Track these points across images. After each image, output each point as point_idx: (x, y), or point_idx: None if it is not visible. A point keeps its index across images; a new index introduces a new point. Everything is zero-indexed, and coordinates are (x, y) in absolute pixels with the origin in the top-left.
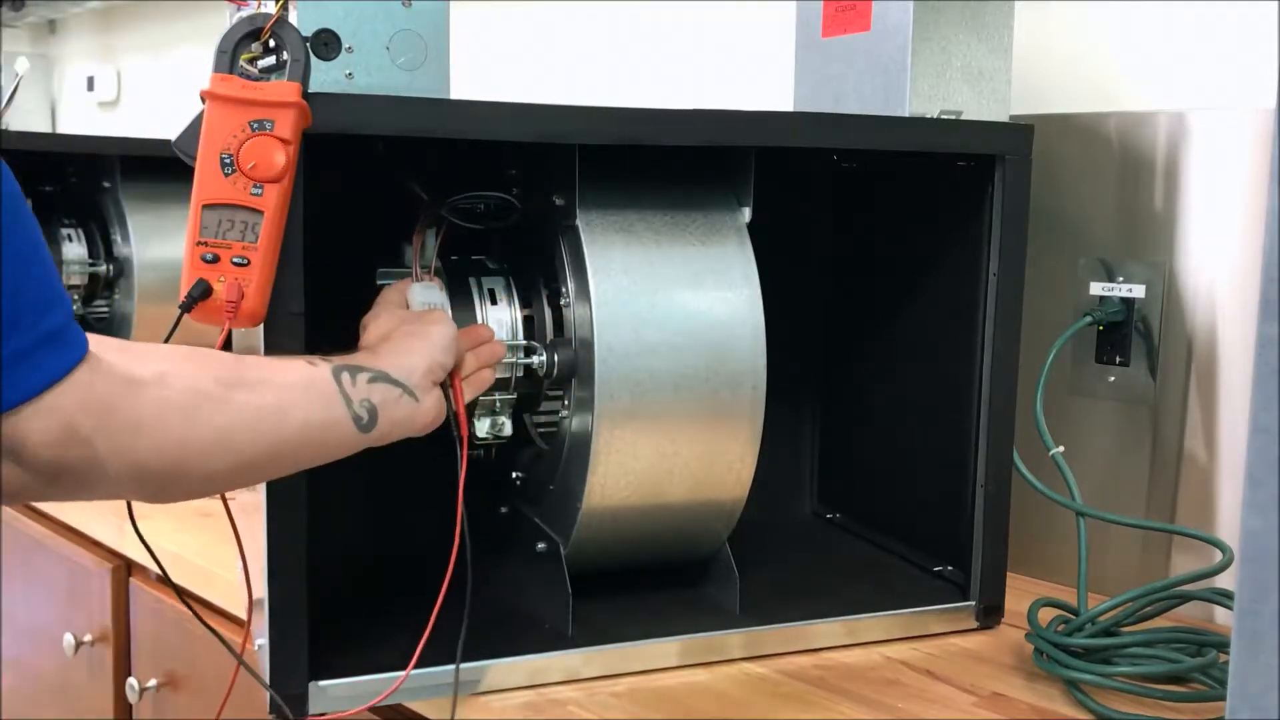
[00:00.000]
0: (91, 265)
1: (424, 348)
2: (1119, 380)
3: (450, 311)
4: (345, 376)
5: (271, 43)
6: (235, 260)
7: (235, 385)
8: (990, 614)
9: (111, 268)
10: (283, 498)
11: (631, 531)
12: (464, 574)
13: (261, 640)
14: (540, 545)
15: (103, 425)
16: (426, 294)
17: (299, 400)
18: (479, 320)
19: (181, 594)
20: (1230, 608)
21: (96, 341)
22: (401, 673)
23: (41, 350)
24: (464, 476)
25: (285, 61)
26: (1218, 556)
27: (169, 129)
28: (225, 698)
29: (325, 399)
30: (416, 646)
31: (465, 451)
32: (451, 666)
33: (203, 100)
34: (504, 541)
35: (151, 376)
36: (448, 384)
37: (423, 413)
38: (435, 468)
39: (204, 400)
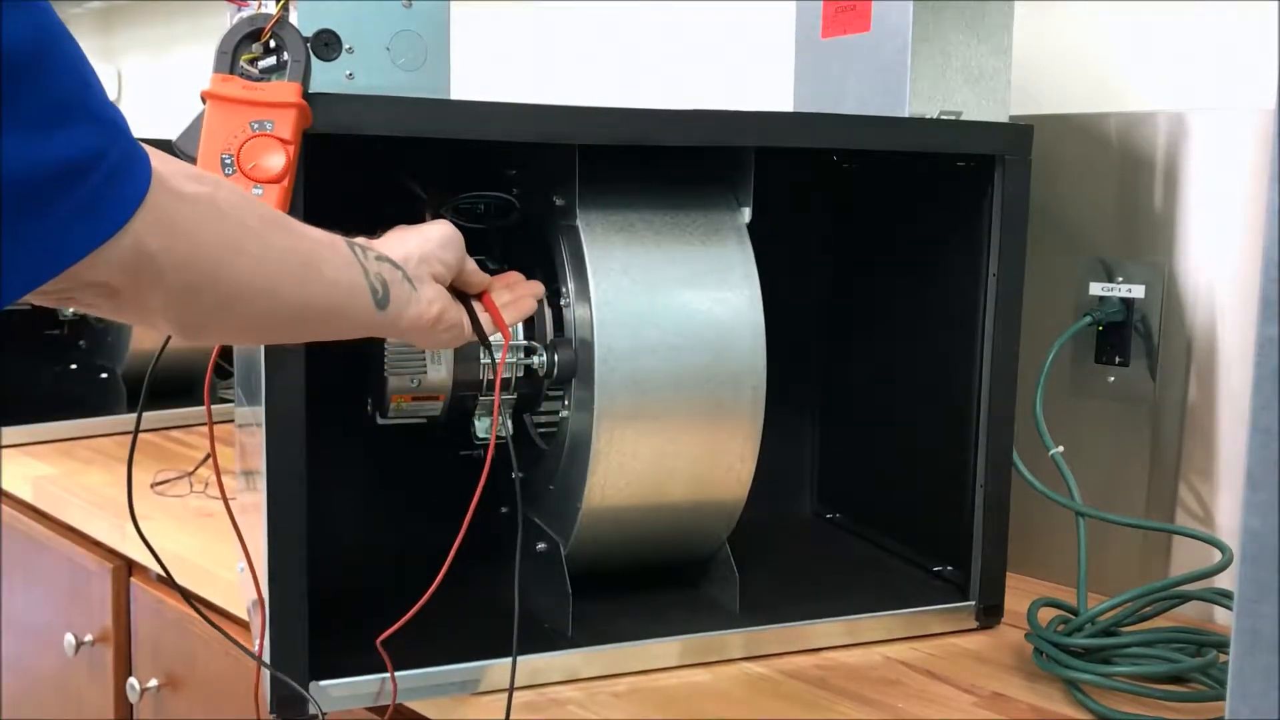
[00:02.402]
0: None
1: (416, 238)
2: (1119, 380)
3: None
4: (357, 249)
5: (272, 43)
6: None
7: (275, 226)
8: (990, 614)
9: None
10: (283, 498)
11: (631, 531)
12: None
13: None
14: (540, 545)
15: (168, 243)
16: None
17: (329, 256)
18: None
19: (189, 598)
20: (1230, 608)
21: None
22: (404, 672)
23: (121, 177)
24: (499, 380)
25: (286, 62)
26: (1217, 556)
27: (169, 129)
28: (256, 695)
29: (348, 261)
30: (418, 647)
31: (504, 353)
32: (452, 666)
33: (203, 100)
34: (504, 541)
35: (204, 195)
36: (469, 297)
37: (423, 303)
38: (436, 468)
39: (249, 234)
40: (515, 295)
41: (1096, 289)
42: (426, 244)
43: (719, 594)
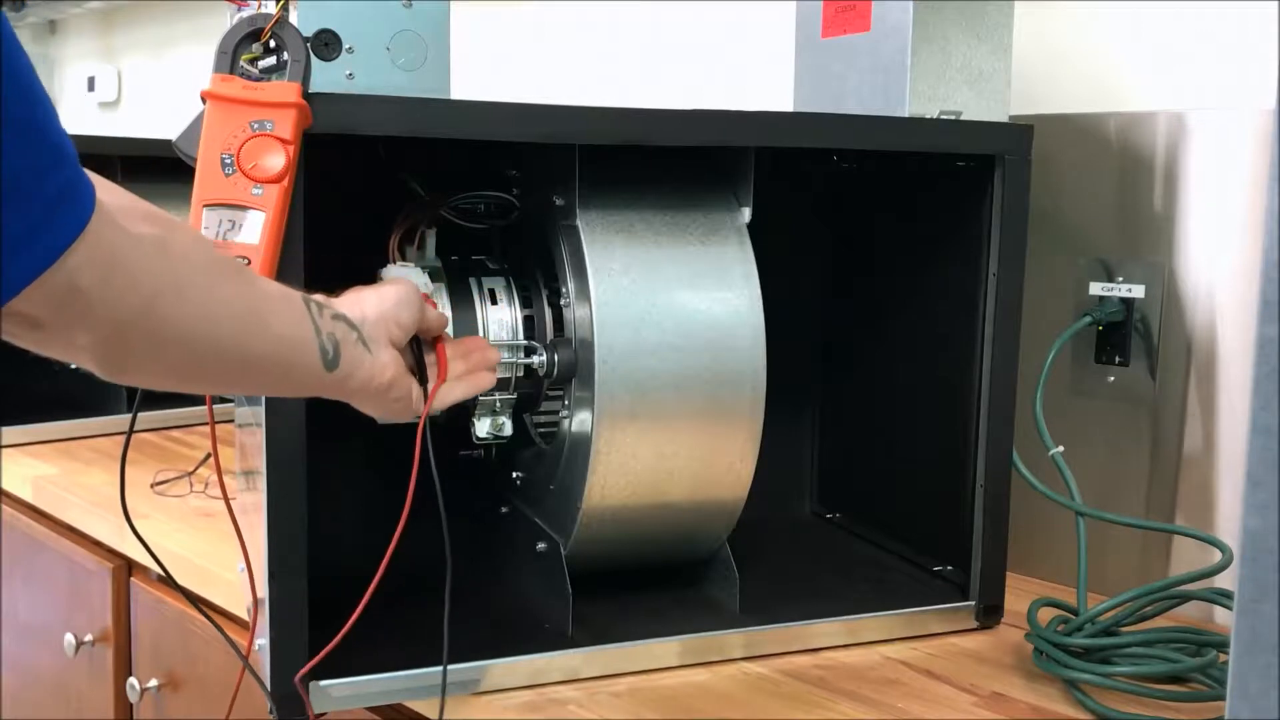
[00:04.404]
0: None
1: (373, 298)
2: (1119, 380)
3: (430, 290)
4: (313, 305)
5: (272, 43)
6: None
7: (225, 275)
8: (990, 614)
9: None
10: (283, 498)
11: (631, 531)
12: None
13: (262, 640)
14: (540, 545)
15: (103, 280)
16: (401, 272)
17: (279, 310)
18: (479, 319)
19: (190, 596)
20: (1230, 608)
21: (96, 182)
22: (404, 672)
23: (60, 209)
24: (418, 456)
25: (286, 62)
26: (1217, 556)
27: (170, 129)
28: (233, 698)
29: (299, 316)
30: (418, 647)
31: (424, 416)
32: (452, 666)
33: (203, 100)
34: (504, 541)
35: (152, 236)
36: (424, 354)
37: (378, 367)
38: (436, 468)
39: (194, 278)
40: (470, 366)
41: (1096, 289)
42: (383, 303)
43: (719, 594)
